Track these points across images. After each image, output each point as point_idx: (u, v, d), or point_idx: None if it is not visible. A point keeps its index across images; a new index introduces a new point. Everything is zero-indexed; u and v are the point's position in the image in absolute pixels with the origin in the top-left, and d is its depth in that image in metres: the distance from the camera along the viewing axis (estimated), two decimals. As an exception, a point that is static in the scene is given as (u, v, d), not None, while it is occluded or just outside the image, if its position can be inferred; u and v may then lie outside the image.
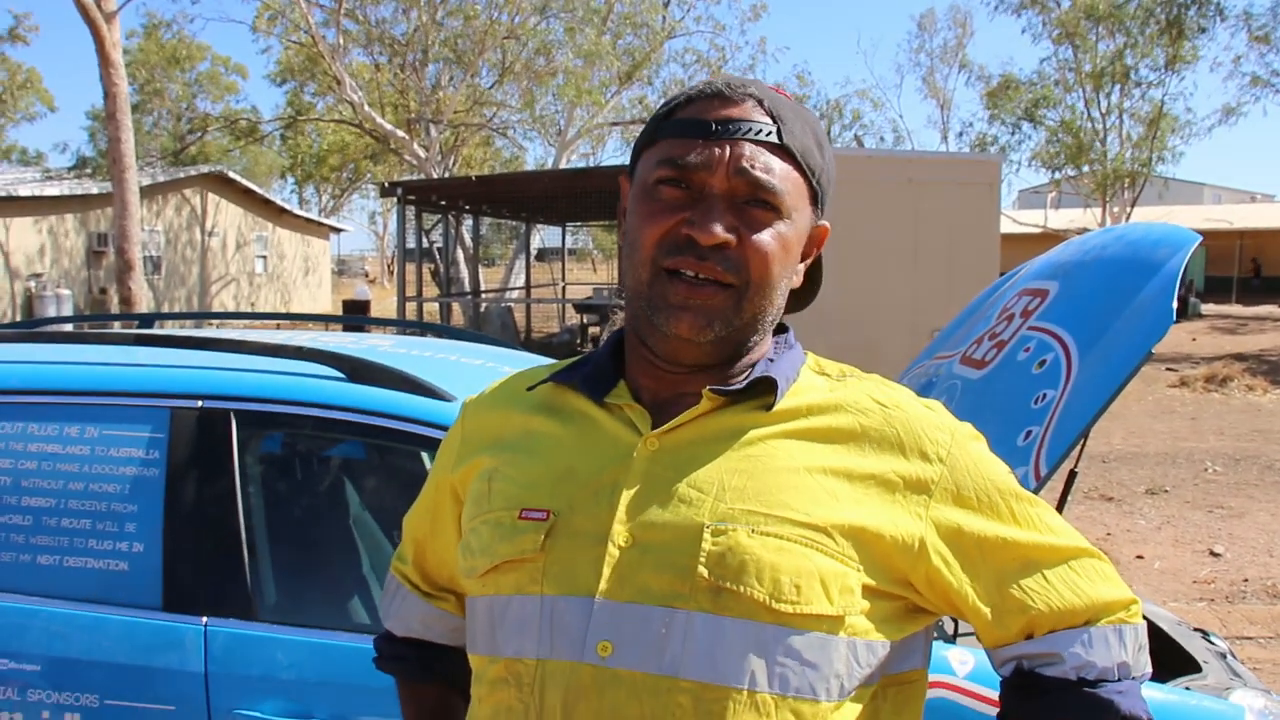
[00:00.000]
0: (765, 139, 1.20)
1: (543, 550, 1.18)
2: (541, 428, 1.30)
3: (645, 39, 26.63)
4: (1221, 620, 6.17)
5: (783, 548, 1.13)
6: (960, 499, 1.20)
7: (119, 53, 15.58)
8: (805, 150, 1.23)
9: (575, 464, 1.23)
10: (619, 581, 1.14)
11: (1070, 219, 36.50)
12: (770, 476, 1.17)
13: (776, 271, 1.21)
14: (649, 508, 1.17)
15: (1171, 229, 2.81)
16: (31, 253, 23.75)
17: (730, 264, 1.18)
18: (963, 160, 15.73)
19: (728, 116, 1.20)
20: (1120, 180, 29.23)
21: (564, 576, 1.17)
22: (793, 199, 1.21)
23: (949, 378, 3.13)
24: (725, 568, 1.12)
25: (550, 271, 30.75)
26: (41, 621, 2.45)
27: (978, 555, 1.19)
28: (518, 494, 1.24)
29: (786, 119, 1.22)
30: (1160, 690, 2.56)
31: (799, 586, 1.12)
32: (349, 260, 68.46)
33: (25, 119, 44.20)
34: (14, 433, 2.58)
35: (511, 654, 1.19)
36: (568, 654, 1.14)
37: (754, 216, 1.19)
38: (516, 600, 1.19)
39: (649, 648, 1.12)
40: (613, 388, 1.28)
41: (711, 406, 1.22)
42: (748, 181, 1.18)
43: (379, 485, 3.26)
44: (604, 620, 1.13)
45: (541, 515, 1.20)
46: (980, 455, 1.24)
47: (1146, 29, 27.26)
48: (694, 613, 1.12)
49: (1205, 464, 10.76)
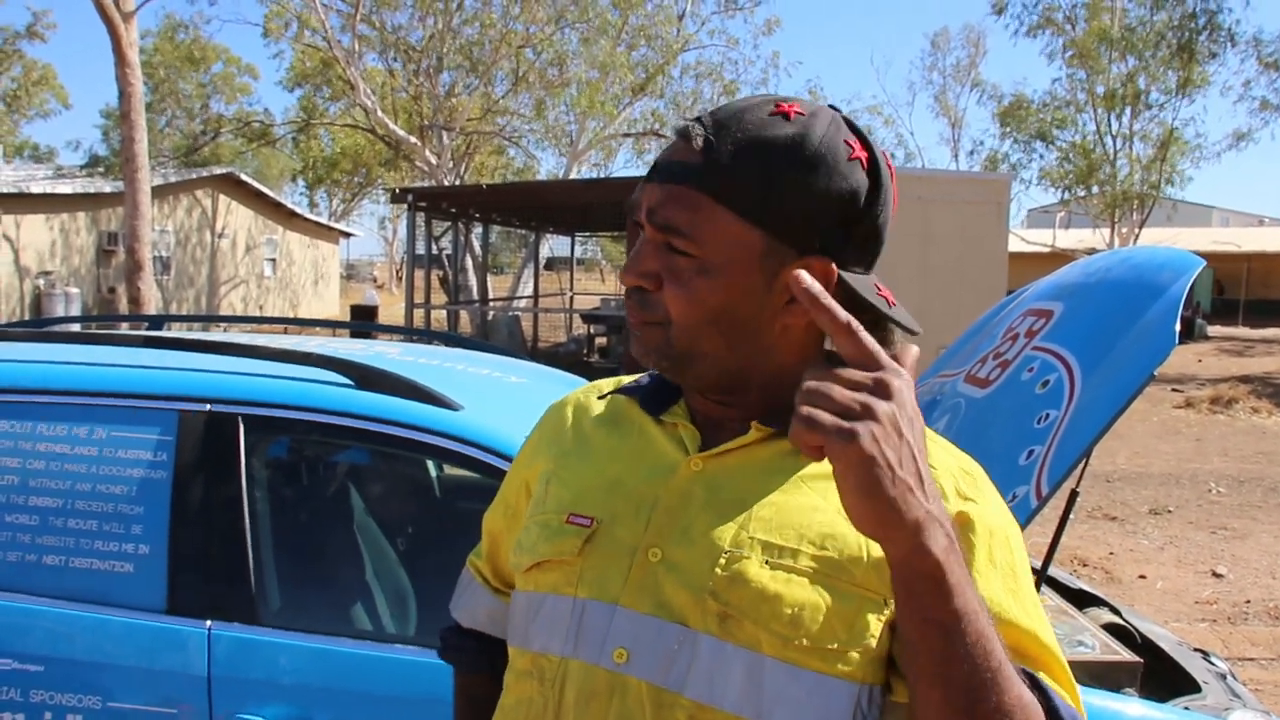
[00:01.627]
0: (686, 182, 1.16)
1: (580, 554, 1.21)
2: (601, 437, 1.34)
3: (659, 51, 26.69)
4: (1223, 641, 6.16)
5: (791, 580, 1.13)
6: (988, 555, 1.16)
7: (135, 52, 15.67)
8: (729, 188, 1.15)
9: (624, 475, 1.26)
10: (642, 593, 1.17)
11: (1079, 239, 36.49)
12: (799, 513, 1.17)
13: (694, 315, 1.18)
14: (680, 525, 1.19)
15: (1176, 253, 2.83)
16: (42, 250, 23.81)
17: (649, 305, 1.21)
18: (972, 179, 15.75)
19: (666, 160, 1.20)
20: (1129, 202, 29.21)
21: (596, 582, 1.20)
22: (714, 238, 1.16)
23: (953, 396, 3.15)
24: (731, 594, 1.13)
25: (558, 281, 30.79)
26: (45, 622, 2.46)
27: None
28: (569, 499, 1.27)
29: (718, 156, 1.15)
30: (1159, 710, 2.56)
31: (800, 619, 1.11)
32: (358, 265, 68.54)
33: (39, 115, 44.45)
34: (22, 432, 2.59)
35: (539, 649, 1.23)
36: (588, 656, 1.18)
37: (669, 259, 1.19)
38: (551, 599, 1.23)
39: (660, 661, 1.15)
40: (672, 405, 1.31)
41: (760, 437, 1.22)
42: (655, 224, 1.18)
43: (384, 492, 3.28)
44: (623, 628, 1.17)
45: (586, 522, 1.23)
46: (1013, 538, 1.21)
47: (1158, 53, 27.28)
48: (702, 634, 1.14)
49: (1209, 485, 10.74)
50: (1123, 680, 2.89)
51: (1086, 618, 3.34)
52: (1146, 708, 2.57)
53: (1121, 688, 2.84)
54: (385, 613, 2.80)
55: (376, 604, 2.80)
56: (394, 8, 25.54)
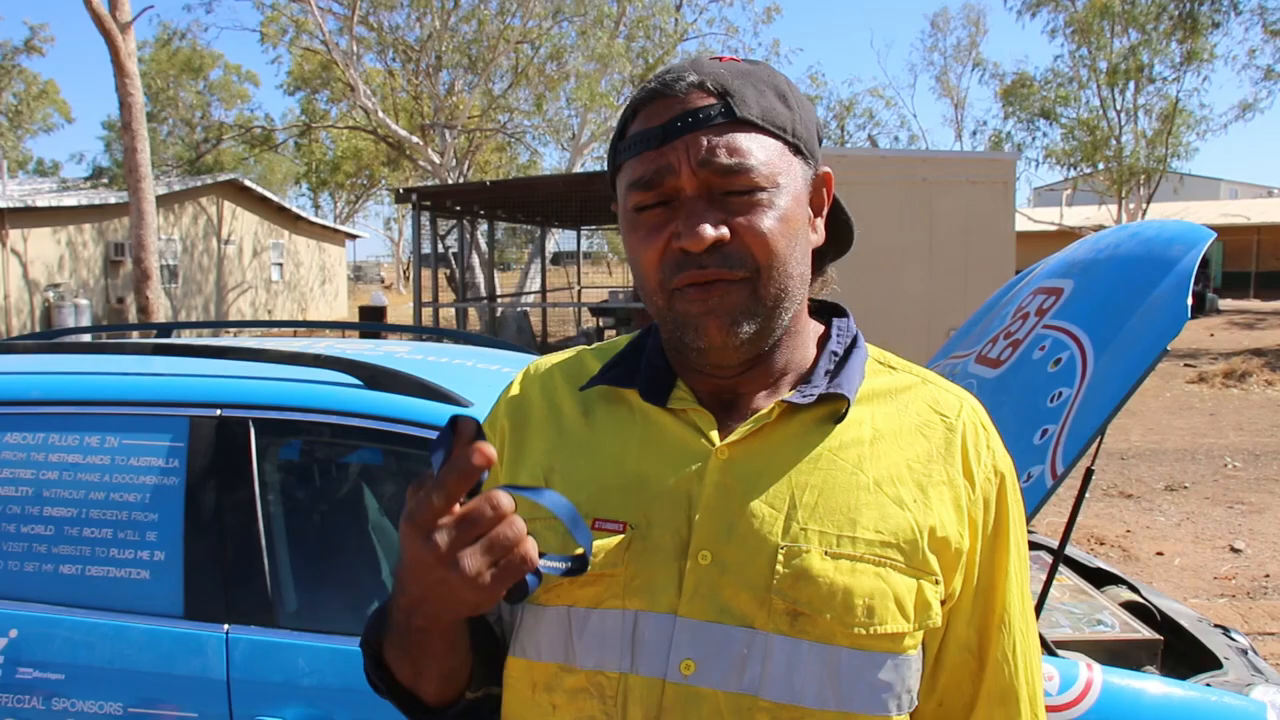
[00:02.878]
0: (718, 121, 1.14)
1: (623, 565, 1.16)
2: (601, 427, 1.26)
3: (658, 42, 26.65)
4: (1243, 616, 6.13)
5: (855, 569, 1.13)
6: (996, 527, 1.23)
7: (134, 63, 15.68)
8: (767, 111, 1.16)
9: (646, 471, 1.20)
10: (701, 600, 1.13)
11: (1085, 216, 36.38)
12: (841, 494, 1.16)
13: (783, 246, 1.16)
14: (724, 523, 1.15)
15: (1185, 226, 2.81)
16: (50, 263, 23.88)
17: (732, 259, 1.13)
18: (977, 159, 15.70)
19: (671, 116, 1.15)
20: (1135, 177, 29.12)
21: (645, 592, 1.15)
22: (772, 166, 1.15)
23: (964, 377, 3.13)
24: (799, 592, 1.12)
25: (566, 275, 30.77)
26: (65, 630, 2.48)
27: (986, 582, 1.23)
28: (585, 500, 1.18)
29: (735, 90, 1.15)
30: (1181, 687, 2.55)
31: (873, 609, 1.12)
32: (365, 266, 68.62)
33: (42, 130, 44.59)
34: (35, 443, 2.60)
35: (593, 666, 1.16)
36: (650, 670, 1.14)
37: (739, 203, 1.14)
38: (597, 614, 1.17)
39: (730, 667, 1.12)
40: (672, 388, 1.24)
41: (780, 413, 1.20)
42: (715, 171, 1.13)
43: (397, 491, 3.27)
44: (686, 639, 1.13)
45: (618, 527, 1.17)
46: (1017, 497, 1.27)
47: (1160, 25, 27.17)
48: (772, 635, 1.12)
49: (1225, 460, 10.70)
50: (1143, 658, 2.88)
51: (1105, 596, 3.32)
52: (1167, 685, 2.55)
53: (1142, 665, 2.83)
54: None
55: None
56: (390, 8, 25.55)
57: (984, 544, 1.21)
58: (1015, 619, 1.24)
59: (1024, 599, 1.25)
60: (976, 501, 1.20)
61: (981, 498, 1.21)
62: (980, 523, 1.20)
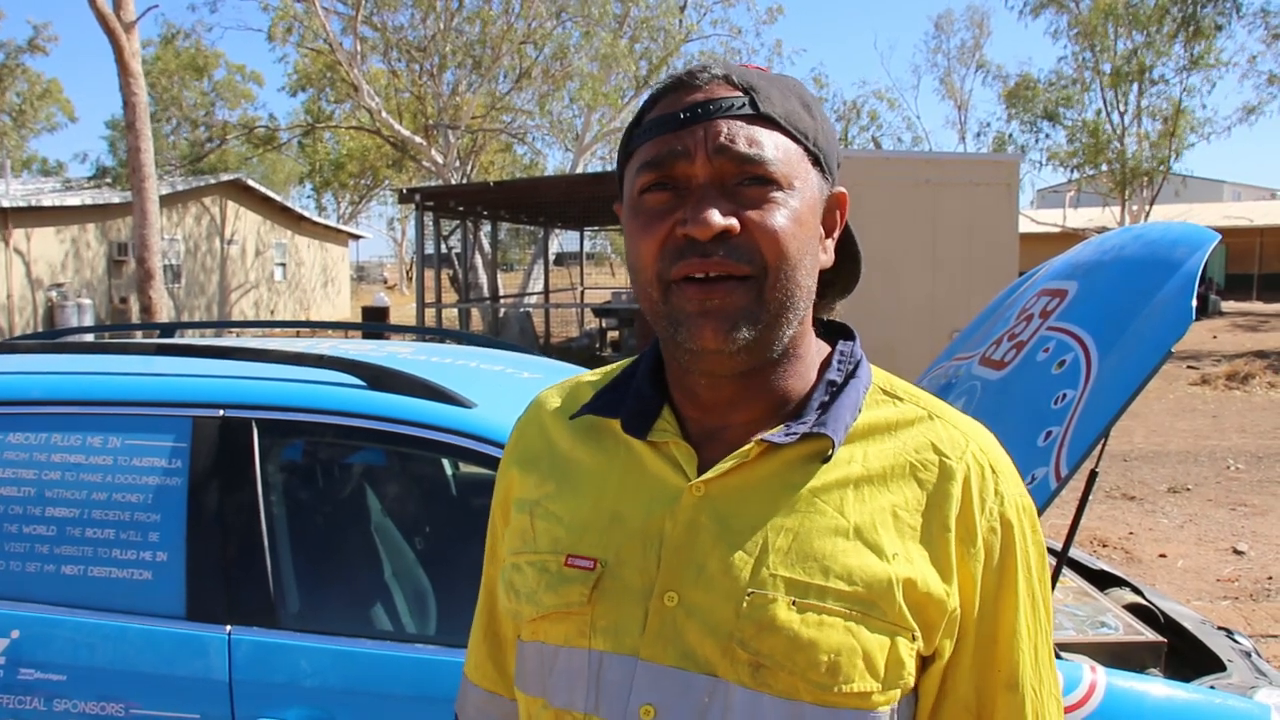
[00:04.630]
0: (740, 112, 1.09)
1: (590, 603, 1.13)
2: (585, 460, 1.23)
3: (662, 43, 26.66)
4: (1246, 618, 6.13)
5: (824, 622, 1.07)
6: (1001, 568, 1.14)
7: (138, 62, 15.70)
8: (789, 114, 1.12)
9: (622, 508, 1.16)
10: (663, 643, 1.09)
11: (1089, 218, 36.34)
12: (817, 540, 1.09)
13: (794, 248, 1.09)
14: (693, 564, 1.10)
15: (1190, 228, 2.80)
16: (54, 262, 23.90)
17: (739, 252, 1.06)
18: (980, 160, 15.68)
19: (694, 101, 1.10)
20: (1138, 179, 29.10)
21: (611, 631, 1.12)
22: (789, 167, 1.10)
23: (968, 379, 3.13)
24: (762, 643, 1.07)
25: (569, 276, 30.76)
26: (67, 631, 2.47)
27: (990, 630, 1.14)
28: (564, 537, 1.17)
29: (760, 88, 1.11)
30: (1185, 689, 2.55)
31: (839, 665, 1.06)
32: (368, 266, 68.64)
33: (46, 129, 44.65)
34: (37, 443, 2.60)
35: (561, 705, 1.15)
36: (611, 713, 1.11)
37: (751, 195, 1.08)
38: (565, 652, 1.15)
39: (690, 715, 1.08)
40: (656, 418, 1.19)
41: (760, 451, 1.13)
42: (731, 158, 1.07)
43: (400, 492, 3.28)
44: (646, 683, 1.09)
45: (589, 564, 1.14)
46: (1033, 533, 1.18)
47: (1163, 27, 27.15)
48: (734, 685, 1.07)
49: (1227, 462, 10.69)
50: (1146, 660, 2.87)
51: (1108, 598, 3.32)
52: (1171, 688, 2.55)
53: (1145, 668, 2.83)
54: (405, 612, 2.79)
55: (396, 604, 2.80)
56: (394, 9, 25.56)
57: (984, 599, 1.12)
58: (1027, 680, 1.14)
59: (1039, 658, 1.16)
60: (976, 555, 1.11)
61: (983, 550, 1.12)
62: (978, 577, 1.12)
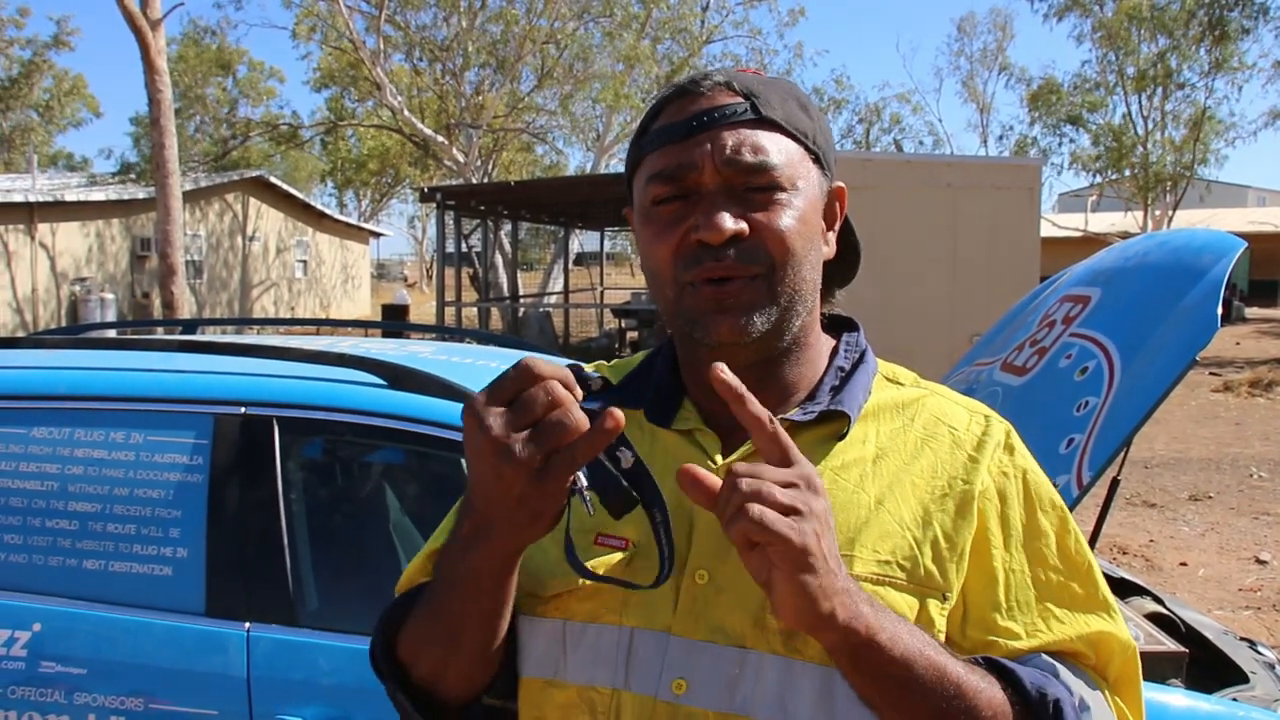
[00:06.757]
0: (744, 118, 1.16)
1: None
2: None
3: (684, 44, 26.68)
4: (1268, 629, 6.08)
5: None
6: (1009, 512, 1.19)
7: (164, 59, 15.80)
8: (789, 116, 1.19)
9: None
10: (694, 619, 1.13)
11: (1111, 222, 36.20)
12: (840, 513, 1.12)
13: (800, 245, 1.16)
14: (722, 542, 1.11)
15: (1216, 234, 2.79)
16: (78, 256, 24.08)
17: (749, 254, 1.14)
18: (1002, 164, 15.62)
19: (698, 110, 1.16)
20: (1162, 184, 28.95)
21: (643, 609, 1.14)
22: (793, 168, 1.17)
23: (990, 384, 3.11)
24: None
25: (589, 276, 30.81)
26: (87, 625, 2.49)
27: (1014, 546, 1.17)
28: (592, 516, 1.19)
29: (759, 92, 1.18)
30: (1207, 701, 2.53)
31: None
32: (388, 265, 68.91)
33: (72, 125, 44.96)
34: (60, 438, 2.61)
35: (584, 681, 1.16)
36: (643, 687, 1.13)
37: (759, 200, 1.15)
38: (593, 629, 1.16)
39: (722, 687, 1.11)
40: (678, 408, 1.25)
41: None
42: (739, 167, 1.14)
43: (419, 491, 3.28)
44: (678, 658, 1.12)
45: (620, 543, 1.17)
46: (1038, 481, 1.22)
47: (1189, 31, 27.00)
48: (766, 654, 1.10)
49: (1250, 470, 10.61)
50: (1167, 671, 2.85)
51: (1129, 607, 3.30)
52: (1193, 699, 2.53)
53: (1166, 679, 2.80)
54: (423, 612, 2.79)
55: (414, 603, 2.80)
56: (418, 8, 25.65)
57: (995, 547, 1.17)
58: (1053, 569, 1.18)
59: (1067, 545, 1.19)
60: (989, 510, 1.17)
61: (997, 499, 1.18)
62: (993, 530, 1.17)
